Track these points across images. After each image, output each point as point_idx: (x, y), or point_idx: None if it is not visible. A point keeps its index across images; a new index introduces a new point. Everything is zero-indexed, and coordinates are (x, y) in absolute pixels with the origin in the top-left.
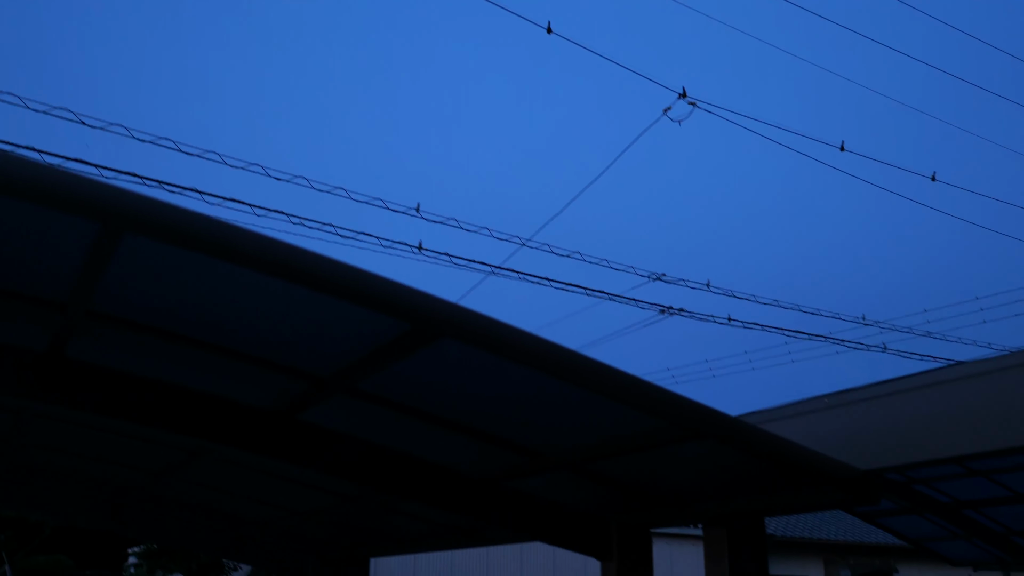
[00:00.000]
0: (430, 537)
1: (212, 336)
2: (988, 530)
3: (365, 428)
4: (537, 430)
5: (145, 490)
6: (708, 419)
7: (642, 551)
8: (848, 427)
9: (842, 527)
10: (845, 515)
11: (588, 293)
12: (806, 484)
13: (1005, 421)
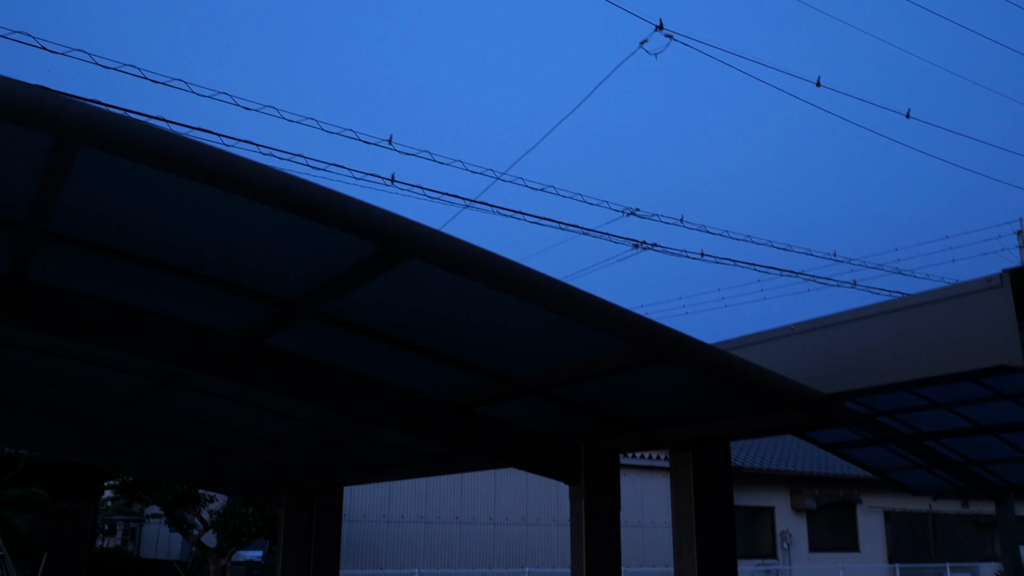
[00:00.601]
0: (403, 465)
1: (176, 258)
2: (948, 460)
3: (333, 354)
4: (506, 355)
5: (116, 420)
6: (675, 343)
7: (609, 475)
8: (813, 353)
9: (807, 459)
10: (811, 448)
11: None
12: (771, 408)
13: (960, 346)
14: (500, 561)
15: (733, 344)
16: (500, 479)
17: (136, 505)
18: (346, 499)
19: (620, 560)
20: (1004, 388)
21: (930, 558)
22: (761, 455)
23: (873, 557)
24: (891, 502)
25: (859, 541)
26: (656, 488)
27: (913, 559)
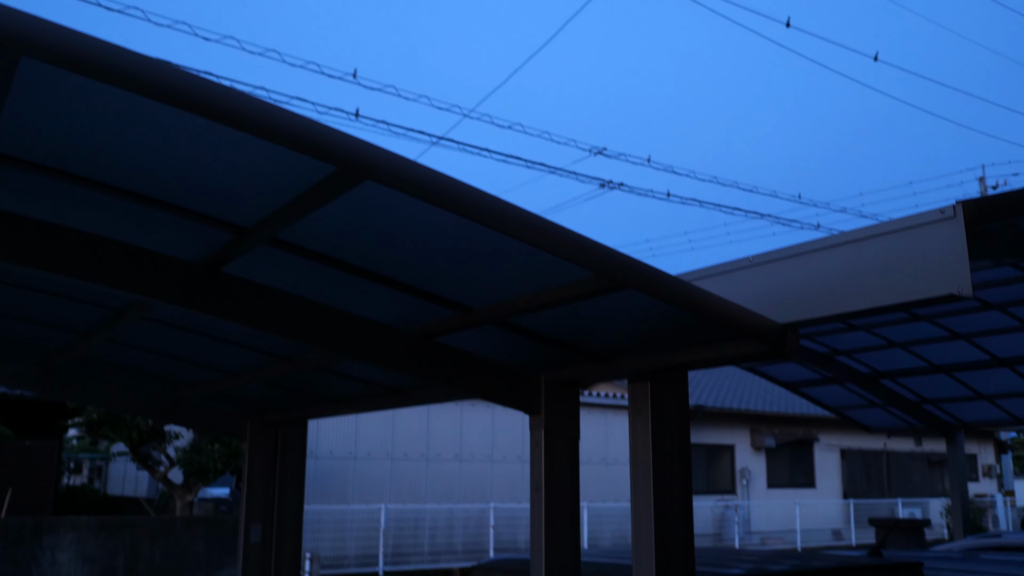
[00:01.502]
0: (367, 398)
1: (129, 182)
2: (903, 399)
3: (292, 282)
4: (467, 285)
5: (74, 353)
6: (633, 269)
7: (569, 406)
8: (769, 285)
9: (768, 399)
10: (771, 388)
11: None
12: (728, 337)
13: (912, 276)
14: (466, 497)
15: (693, 276)
16: (466, 417)
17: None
18: (313, 437)
19: (579, 488)
20: (959, 328)
21: (883, 494)
22: (723, 395)
23: (828, 493)
24: (847, 441)
25: (815, 478)
26: (619, 426)
27: (867, 495)
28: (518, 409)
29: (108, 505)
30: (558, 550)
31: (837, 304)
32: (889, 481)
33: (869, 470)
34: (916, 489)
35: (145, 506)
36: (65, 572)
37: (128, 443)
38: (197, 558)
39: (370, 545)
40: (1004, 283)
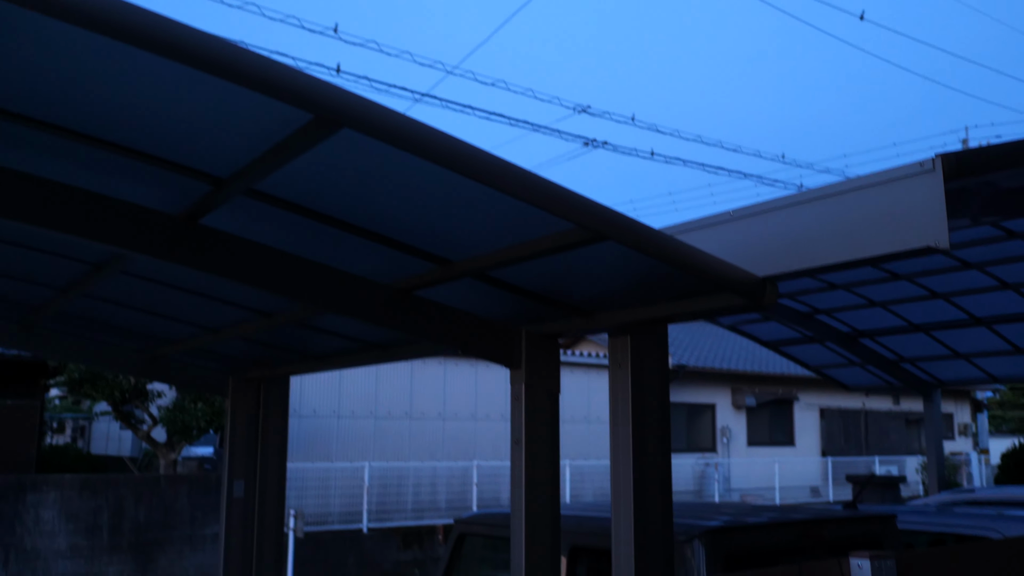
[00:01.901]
0: (348, 354)
1: (105, 130)
2: (882, 358)
3: (271, 234)
4: (447, 237)
5: (54, 308)
6: (614, 222)
7: (549, 359)
8: (750, 238)
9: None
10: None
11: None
12: (708, 290)
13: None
14: (450, 455)
15: (674, 230)
16: (450, 376)
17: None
18: (296, 395)
19: (559, 442)
20: (938, 288)
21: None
22: (704, 354)
23: (807, 451)
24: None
25: (795, 436)
26: (601, 385)
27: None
28: (498, 363)
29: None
30: (538, 502)
31: (816, 257)
32: (867, 440)
33: (847, 429)
34: (893, 447)
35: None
36: (49, 530)
37: (110, 402)
38: (181, 515)
39: (354, 503)
40: (983, 242)
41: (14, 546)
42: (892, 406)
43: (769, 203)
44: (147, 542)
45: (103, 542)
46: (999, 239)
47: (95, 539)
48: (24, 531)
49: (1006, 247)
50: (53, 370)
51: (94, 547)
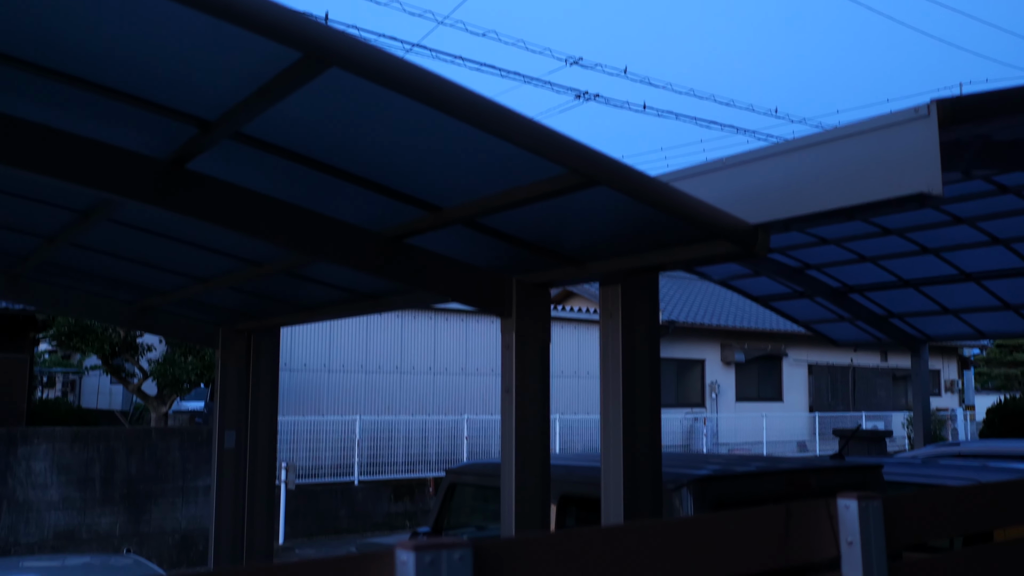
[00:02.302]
0: (338, 304)
1: (90, 71)
2: (871, 313)
3: (259, 180)
4: (438, 183)
5: (40, 258)
6: (606, 166)
7: (540, 309)
8: (742, 186)
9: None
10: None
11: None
12: (700, 238)
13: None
14: (440, 409)
15: (667, 177)
16: (440, 331)
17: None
18: (287, 349)
19: (549, 390)
20: (928, 243)
21: (848, 408)
22: (694, 310)
23: (795, 407)
24: (815, 356)
25: (783, 392)
26: (591, 340)
27: (832, 409)
28: (489, 312)
29: (82, 418)
30: (528, 450)
31: (809, 204)
32: (854, 395)
33: (835, 385)
34: (880, 403)
35: (120, 418)
36: (41, 482)
37: (100, 355)
38: (173, 468)
39: (345, 456)
40: (975, 197)
41: (7, 498)
42: (880, 362)
43: (762, 150)
44: (139, 494)
45: (95, 494)
46: (991, 194)
47: (87, 491)
48: (16, 483)
49: (998, 202)
50: (42, 324)
51: (86, 499)
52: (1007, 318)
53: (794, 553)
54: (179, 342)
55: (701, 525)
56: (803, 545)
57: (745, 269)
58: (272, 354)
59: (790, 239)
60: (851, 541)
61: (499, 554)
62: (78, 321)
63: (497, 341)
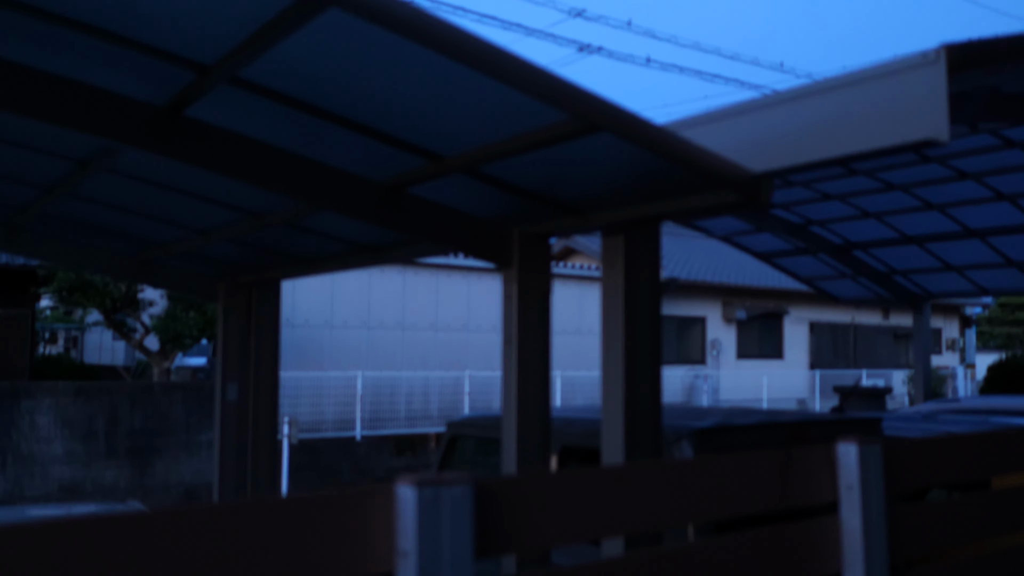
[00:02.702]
0: (339, 257)
1: (86, 14)
2: (873, 270)
3: (258, 127)
4: (439, 130)
5: (39, 209)
6: (609, 112)
7: (541, 259)
8: (746, 134)
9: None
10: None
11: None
12: (703, 187)
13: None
14: (442, 365)
15: (672, 126)
16: (442, 287)
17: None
18: (288, 306)
19: (550, 341)
20: (933, 199)
21: (849, 366)
22: (696, 268)
23: (796, 365)
24: (816, 314)
25: (784, 350)
26: (593, 298)
27: (833, 367)
28: (490, 262)
29: (85, 373)
30: (529, 402)
31: (814, 152)
32: (855, 354)
33: (836, 343)
34: (881, 362)
35: (123, 374)
36: (45, 436)
37: (102, 310)
38: (176, 423)
39: (347, 411)
40: (981, 151)
41: (11, 451)
42: (881, 320)
43: (768, 98)
44: (143, 448)
45: (99, 448)
46: (997, 148)
47: (91, 445)
48: (21, 437)
49: (1004, 156)
50: (43, 279)
51: (90, 453)
52: (1010, 274)
53: (794, 497)
54: (180, 297)
55: (702, 467)
56: (803, 489)
57: (748, 225)
58: (273, 307)
59: (794, 195)
60: (850, 486)
61: (499, 491)
62: (79, 276)
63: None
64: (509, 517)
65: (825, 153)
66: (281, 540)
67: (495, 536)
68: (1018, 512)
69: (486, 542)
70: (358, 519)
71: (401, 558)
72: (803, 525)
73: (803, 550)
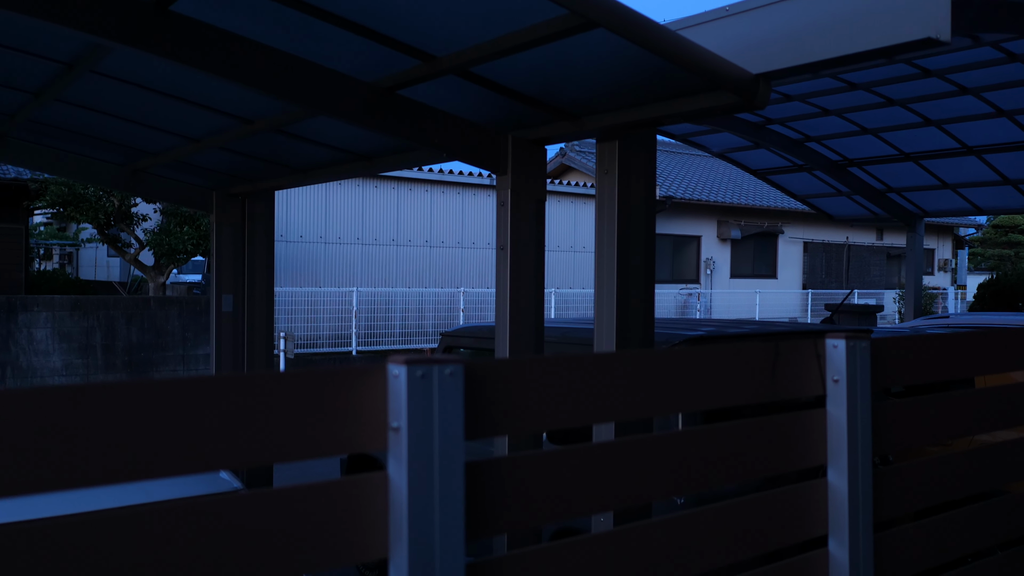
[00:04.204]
0: (331, 165)
1: None
2: (869, 187)
3: (248, 26)
4: (428, 25)
5: (27, 115)
6: (605, 6)
7: (536, 165)
8: (744, 35)
9: (736, 191)
10: (739, 179)
11: None
12: (700, 88)
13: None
14: (436, 282)
15: (669, 26)
16: (436, 203)
17: (71, 229)
18: (282, 221)
19: (544, 248)
20: (931, 114)
21: (841, 286)
22: (691, 186)
23: (789, 284)
24: (811, 233)
25: (778, 269)
26: (588, 215)
27: (826, 287)
28: (484, 168)
29: (81, 288)
30: (523, 309)
31: (812, 52)
32: (848, 273)
33: (830, 262)
34: (874, 282)
35: (118, 289)
36: (43, 349)
37: (95, 224)
38: (173, 336)
39: (343, 327)
40: (981, 65)
41: (10, 364)
42: (875, 240)
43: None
44: (141, 362)
45: (97, 361)
46: (999, 62)
47: (89, 358)
48: (19, 350)
49: (1005, 71)
50: (35, 192)
51: (88, 366)
52: (1006, 193)
53: (781, 389)
54: (174, 211)
55: (690, 357)
56: (790, 382)
57: (745, 141)
58: (267, 218)
59: (791, 109)
60: (837, 379)
61: (489, 372)
62: (71, 189)
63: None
64: (499, 399)
65: (824, 54)
66: (276, 414)
67: (485, 417)
68: (998, 410)
69: (476, 422)
70: (351, 396)
71: (393, 434)
72: (790, 416)
73: (789, 440)
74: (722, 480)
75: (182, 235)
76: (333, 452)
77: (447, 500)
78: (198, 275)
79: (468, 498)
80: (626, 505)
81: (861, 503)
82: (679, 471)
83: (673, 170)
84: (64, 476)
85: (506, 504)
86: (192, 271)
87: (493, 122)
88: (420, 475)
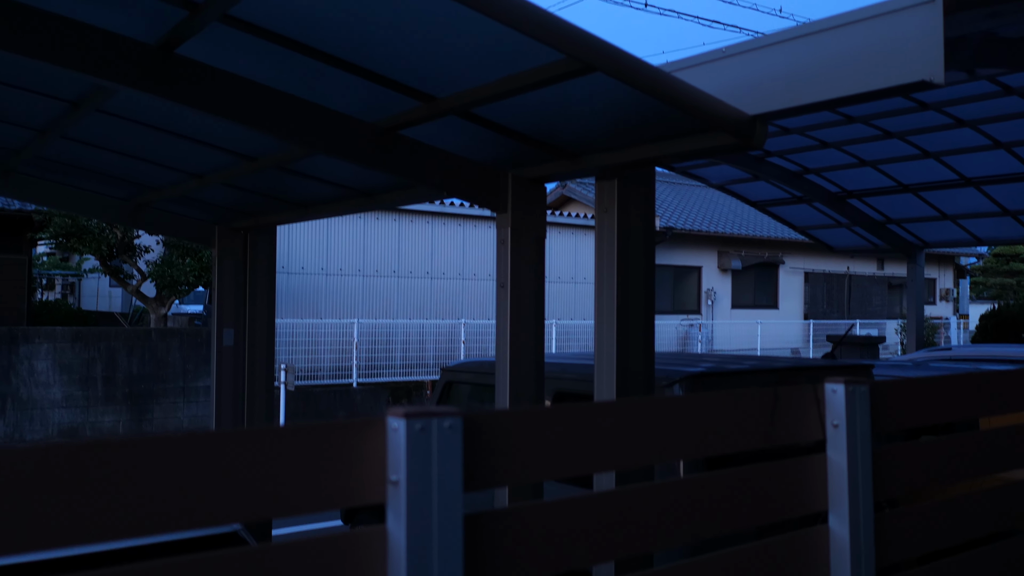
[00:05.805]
0: (333, 201)
1: None
2: (869, 218)
3: (251, 67)
4: (429, 69)
5: (33, 151)
6: (603, 51)
7: (535, 203)
8: (741, 76)
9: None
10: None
11: None
12: (697, 129)
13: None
14: (437, 313)
15: (666, 67)
16: (437, 236)
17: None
18: (284, 252)
19: (544, 285)
20: (929, 147)
21: (843, 316)
22: (692, 217)
23: (790, 314)
24: (812, 264)
25: (779, 299)
26: (588, 246)
27: (827, 317)
28: (484, 206)
29: (82, 319)
30: (523, 346)
31: (808, 94)
32: (849, 303)
33: (831, 292)
34: (875, 312)
35: (120, 320)
36: (44, 381)
37: (98, 256)
38: (174, 368)
39: (344, 358)
40: (978, 99)
41: (11, 396)
42: (876, 270)
43: (763, 39)
44: (141, 393)
45: (98, 393)
46: (995, 95)
47: (90, 390)
48: (20, 382)
49: (1002, 104)
50: (39, 224)
51: (89, 397)
52: (1005, 224)
53: (780, 435)
54: (177, 243)
55: (689, 404)
56: (790, 427)
57: (744, 173)
58: (269, 252)
59: (790, 142)
60: (837, 424)
61: (488, 424)
62: (75, 221)
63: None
64: (498, 450)
65: (819, 96)
66: (277, 469)
67: (484, 469)
68: (1003, 452)
69: (475, 474)
70: (352, 449)
71: (392, 487)
72: (790, 462)
73: (790, 486)
74: (724, 527)
75: (184, 267)
76: (334, 506)
77: (446, 554)
78: (199, 306)
79: (467, 551)
80: (626, 554)
81: (863, 550)
82: (680, 519)
83: (673, 201)
84: (67, 535)
85: (506, 556)
86: (194, 301)
87: (493, 161)
88: (419, 530)
